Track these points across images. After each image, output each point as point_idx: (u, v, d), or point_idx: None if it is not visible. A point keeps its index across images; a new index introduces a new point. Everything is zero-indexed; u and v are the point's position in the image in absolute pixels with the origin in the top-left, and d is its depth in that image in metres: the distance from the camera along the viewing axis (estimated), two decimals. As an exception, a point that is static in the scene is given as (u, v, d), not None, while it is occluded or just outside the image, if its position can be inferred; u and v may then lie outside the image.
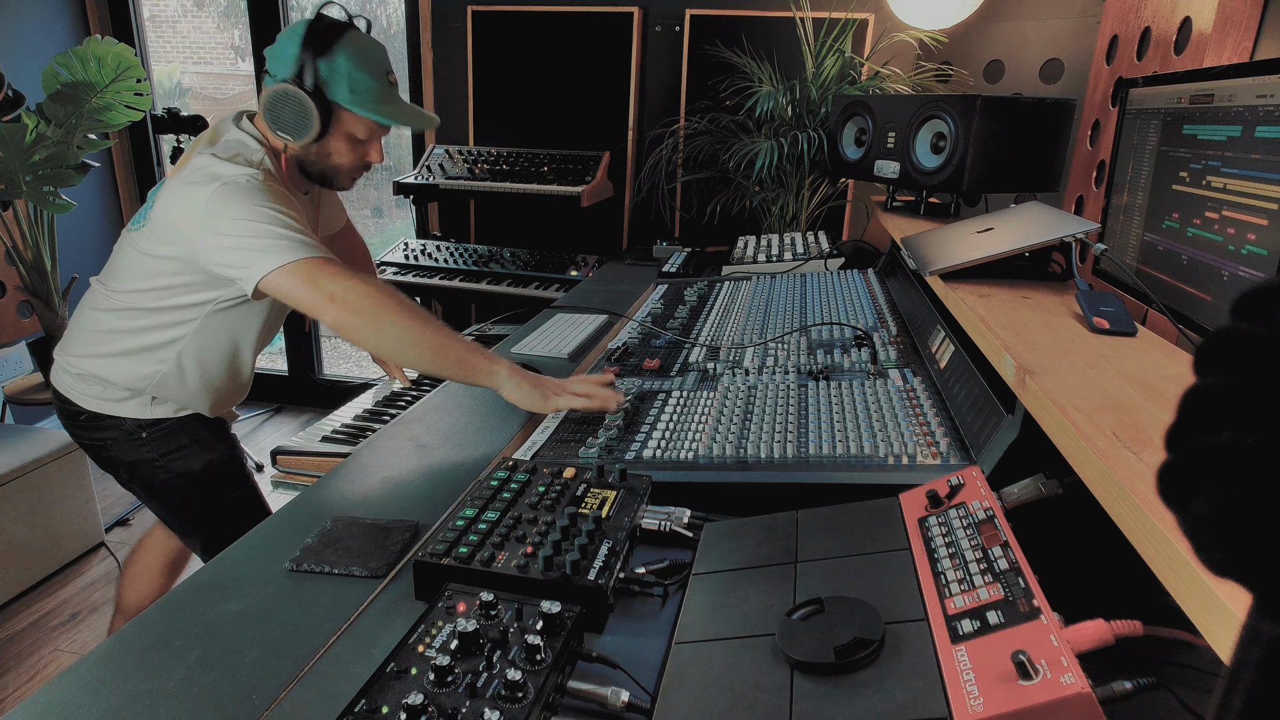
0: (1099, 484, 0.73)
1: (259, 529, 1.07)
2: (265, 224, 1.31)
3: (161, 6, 4.39)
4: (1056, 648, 0.62)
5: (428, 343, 1.30)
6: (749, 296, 1.96)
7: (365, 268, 1.92)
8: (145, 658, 0.81)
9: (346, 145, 1.47)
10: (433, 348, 1.30)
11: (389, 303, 1.30)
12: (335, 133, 1.44)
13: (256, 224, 1.31)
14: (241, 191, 1.33)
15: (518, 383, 1.31)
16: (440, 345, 1.31)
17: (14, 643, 2.38)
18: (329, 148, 1.46)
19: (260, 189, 1.35)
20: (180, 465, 1.60)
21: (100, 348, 1.53)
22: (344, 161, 1.49)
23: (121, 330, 1.51)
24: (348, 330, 1.31)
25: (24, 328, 3.28)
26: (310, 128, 1.40)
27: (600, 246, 3.21)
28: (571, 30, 3.11)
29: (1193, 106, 1.16)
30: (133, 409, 1.56)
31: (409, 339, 1.30)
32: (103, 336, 1.53)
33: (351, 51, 1.39)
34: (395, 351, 1.34)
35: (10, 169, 2.72)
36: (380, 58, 1.45)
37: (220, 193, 1.33)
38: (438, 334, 1.32)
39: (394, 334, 1.30)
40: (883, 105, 2.26)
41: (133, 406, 1.56)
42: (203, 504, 1.65)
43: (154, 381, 1.54)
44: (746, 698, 0.69)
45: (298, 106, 1.38)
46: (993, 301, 1.30)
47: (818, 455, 1.11)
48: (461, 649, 0.72)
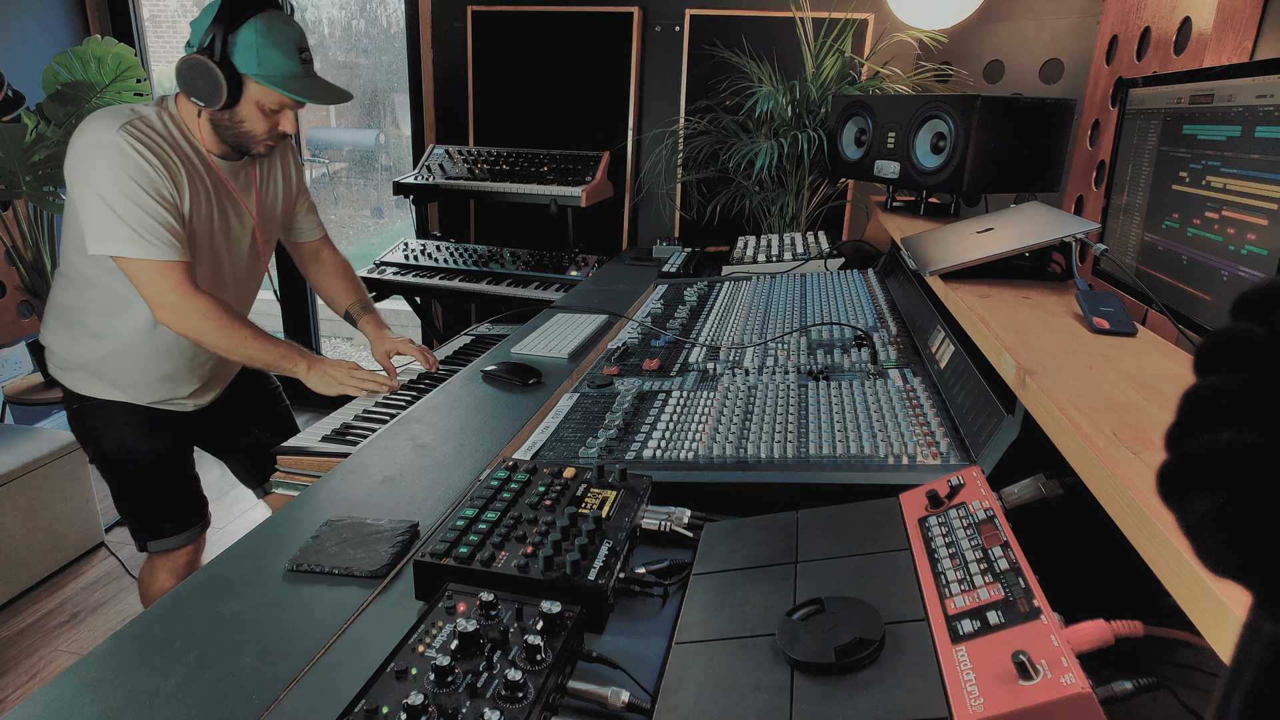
0: (1099, 484, 0.73)
1: (259, 529, 1.07)
2: (128, 203, 1.47)
3: (161, 6, 4.40)
4: (1057, 648, 0.62)
5: (240, 354, 1.61)
6: (749, 297, 1.96)
7: (347, 279, 2.00)
8: (145, 658, 0.81)
9: (257, 113, 1.57)
10: (243, 357, 1.62)
11: (206, 325, 1.56)
12: (245, 101, 1.55)
13: (121, 203, 1.47)
14: (108, 153, 1.47)
15: (319, 376, 1.64)
16: (248, 357, 1.62)
17: (14, 643, 2.38)
18: (240, 115, 1.57)
19: (124, 152, 1.47)
20: (93, 446, 1.78)
21: (50, 316, 1.74)
22: (256, 129, 1.59)
23: (58, 298, 1.70)
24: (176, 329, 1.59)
25: (24, 328, 3.28)
26: (219, 95, 1.51)
27: (600, 246, 3.21)
28: (571, 30, 3.11)
29: (1192, 106, 1.16)
30: (70, 381, 1.73)
31: (224, 349, 1.60)
32: (55, 307, 1.73)
33: (261, 26, 1.50)
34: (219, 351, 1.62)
35: (10, 169, 2.72)
36: (292, 34, 1.55)
37: (84, 147, 1.49)
38: (248, 346, 1.60)
39: (212, 344, 1.59)
40: (883, 105, 2.26)
41: (71, 379, 1.73)
42: (119, 487, 1.81)
43: (77, 349, 1.69)
44: (747, 698, 0.69)
45: (206, 74, 1.50)
46: (993, 301, 1.30)
47: (818, 455, 1.11)
48: (461, 649, 0.72)
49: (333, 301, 1.98)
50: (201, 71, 1.49)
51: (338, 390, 1.64)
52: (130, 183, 1.47)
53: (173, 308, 1.54)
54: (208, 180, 1.63)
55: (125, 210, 1.47)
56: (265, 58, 1.51)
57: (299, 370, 1.64)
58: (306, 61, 1.58)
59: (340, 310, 1.97)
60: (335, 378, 1.64)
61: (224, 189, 1.67)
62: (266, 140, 1.62)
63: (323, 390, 1.65)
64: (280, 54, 1.52)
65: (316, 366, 1.65)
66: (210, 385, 1.84)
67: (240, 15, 1.49)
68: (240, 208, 1.71)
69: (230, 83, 1.50)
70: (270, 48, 1.51)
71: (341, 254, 2.03)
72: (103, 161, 1.47)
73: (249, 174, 1.74)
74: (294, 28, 1.56)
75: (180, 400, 1.79)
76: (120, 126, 1.48)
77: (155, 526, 1.82)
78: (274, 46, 1.51)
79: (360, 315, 1.93)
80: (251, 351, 1.61)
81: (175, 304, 1.54)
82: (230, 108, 1.54)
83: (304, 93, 1.55)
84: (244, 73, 1.51)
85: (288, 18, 1.56)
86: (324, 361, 1.67)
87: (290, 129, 1.62)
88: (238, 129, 1.59)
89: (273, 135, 1.62)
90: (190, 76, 1.50)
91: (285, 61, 1.53)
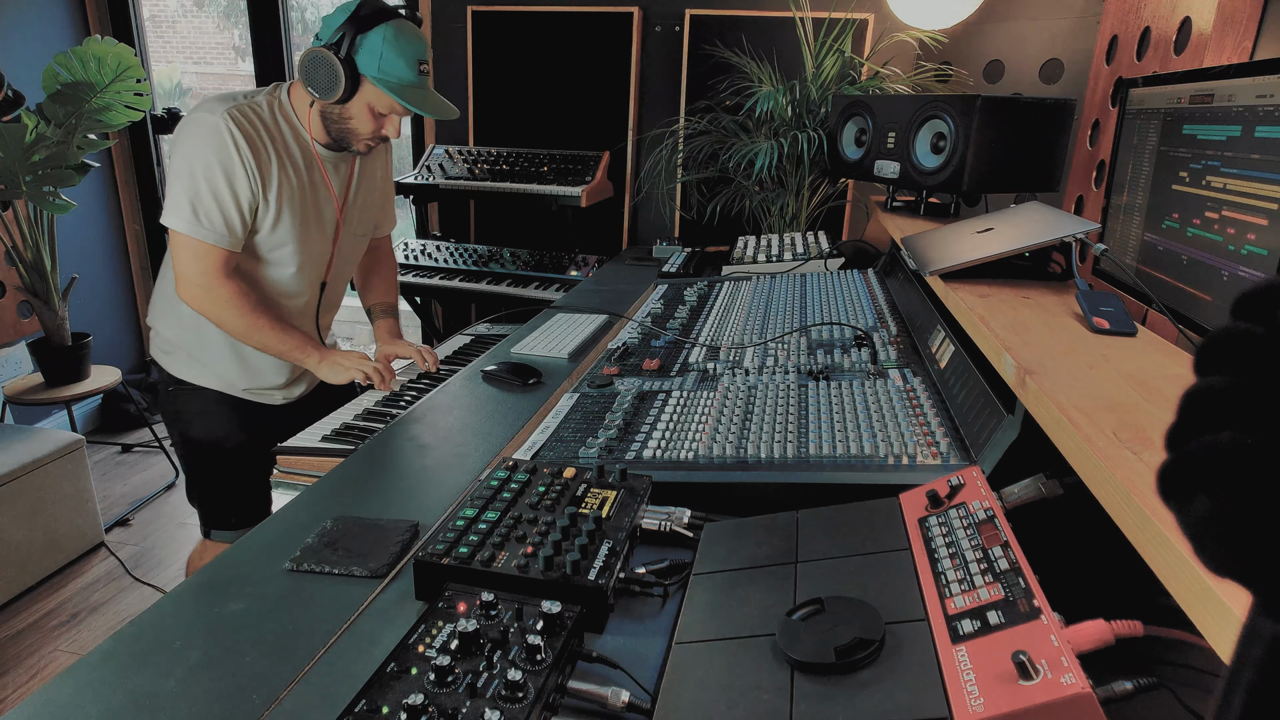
0: (1099, 484, 0.73)
1: (259, 529, 1.07)
2: (201, 182, 1.54)
3: (161, 6, 4.40)
4: (1057, 648, 0.62)
5: (255, 341, 1.66)
6: (749, 296, 1.96)
7: (385, 280, 2.04)
8: (145, 658, 0.81)
9: (366, 114, 1.63)
10: (258, 344, 1.67)
11: (226, 311, 1.61)
12: (357, 100, 1.60)
13: (197, 181, 1.54)
14: (205, 132, 1.54)
15: (329, 366, 1.70)
16: (263, 344, 1.67)
17: (14, 643, 2.38)
18: (350, 111, 1.62)
19: (220, 135, 1.54)
20: (179, 430, 1.83)
21: (158, 297, 1.81)
22: (361, 128, 1.65)
23: (164, 279, 1.75)
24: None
25: (24, 328, 3.28)
26: (336, 89, 1.57)
27: (600, 246, 3.21)
28: (571, 30, 3.11)
29: (1192, 106, 1.16)
30: (170, 364, 1.79)
31: (240, 335, 1.66)
32: (161, 289, 1.79)
33: (388, 33, 1.56)
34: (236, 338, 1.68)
35: (10, 169, 2.72)
36: (416, 47, 1.60)
37: (188, 121, 1.57)
38: (263, 335, 1.65)
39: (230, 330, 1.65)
40: (883, 105, 2.26)
41: (171, 361, 1.79)
42: (195, 474, 1.87)
43: (178, 332, 1.75)
44: (747, 698, 0.69)
45: (328, 68, 1.56)
46: (993, 301, 1.30)
47: (818, 455, 1.11)
48: (462, 649, 0.72)
49: (364, 293, 2.04)
50: (324, 64, 1.56)
51: (346, 377, 1.69)
52: (211, 165, 1.54)
53: (197, 287, 1.60)
54: (303, 169, 1.69)
55: (194, 189, 1.54)
56: (387, 63, 1.57)
57: (310, 361, 1.69)
58: (424, 74, 1.64)
59: (366, 304, 2.03)
60: (344, 365, 1.69)
61: (320, 176, 1.73)
62: (369, 140, 1.68)
63: (332, 379, 1.70)
64: (402, 62, 1.58)
65: (328, 357, 1.69)
66: (301, 380, 1.88)
67: (373, 19, 1.56)
68: (330, 197, 1.76)
69: (349, 80, 1.56)
70: (393, 54, 1.57)
71: (394, 258, 2.09)
72: (197, 139, 1.54)
73: (349, 168, 1.79)
74: (420, 40, 1.62)
75: (270, 391, 1.83)
76: (226, 110, 1.55)
77: (221, 518, 1.88)
78: (397, 54, 1.57)
79: (380, 318, 1.97)
80: (266, 340, 1.65)
81: (201, 285, 1.59)
82: (343, 103, 1.61)
83: (416, 102, 1.61)
84: (364, 73, 1.57)
85: (416, 30, 1.63)
86: (334, 352, 1.71)
87: (394, 134, 1.68)
88: (345, 124, 1.65)
89: (375, 136, 1.67)
90: (312, 67, 1.57)
91: (405, 70, 1.59)
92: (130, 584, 2.64)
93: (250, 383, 1.80)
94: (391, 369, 1.75)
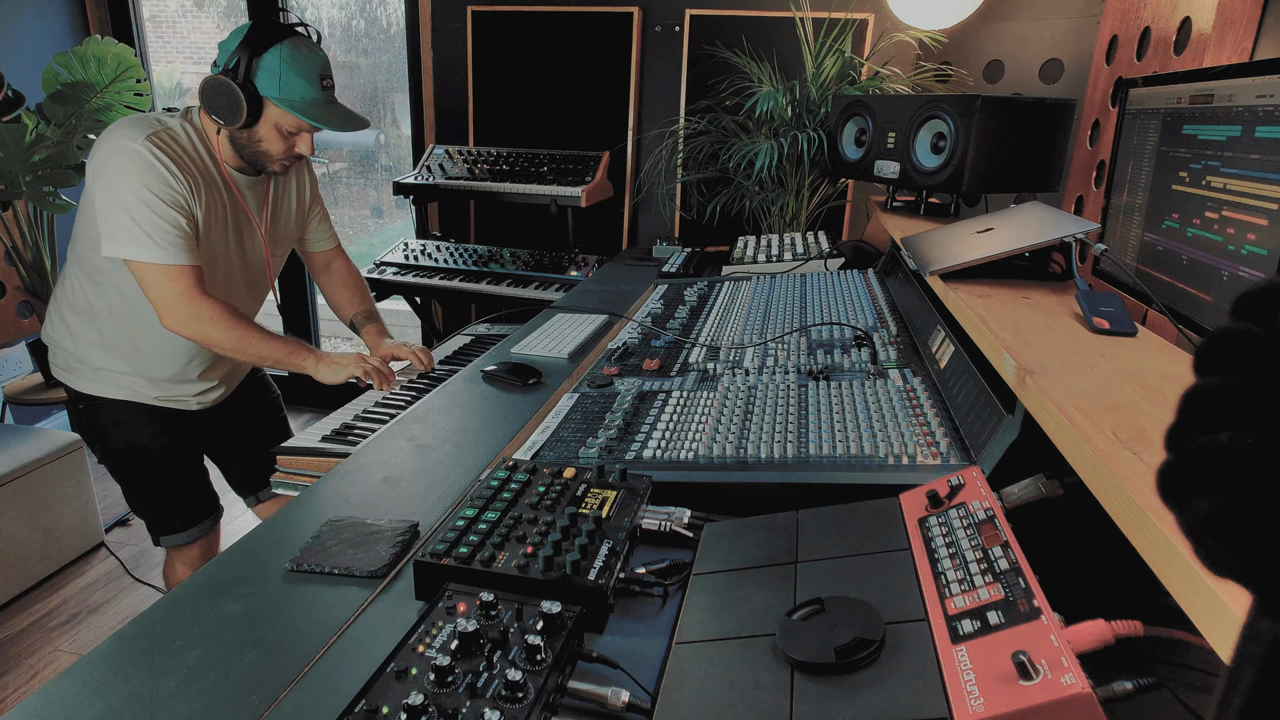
0: (1099, 484, 0.73)
1: (259, 529, 1.07)
2: (145, 209, 1.51)
3: (161, 6, 4.40)
4: (1057, 648, 0.62)
5: (249, 355, 1.65)
6: (749, 297, 1.96)
7: (355, 290, 2.04)
8: (145, 658, 0.81)
9: (275, 135, 1.62)
10: (252, 357, 1.66)
11: (213, 329, 1.59)
12: (264, 122, 1.60)
13: (142, 209, 1.51)
14: (131, 160, 1.51)
15: (327, 367, 1.69)
16: (257, 356, 1.66)
17: (14, 643, 2.38)
18: (259, 134, 1.62)
19: (146, 161, 1.52)
20: (101, 446, 1.79)
21: (55, 313, 1.75)
22: (273, 149, 1.64)
23: (64, 295, 1.72)
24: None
25: (24, 328, 3.28)
26: (239, 115, 1.56)
27: (600, 246, 3.21)
28: (571, 30, 3.11)
29: (1192, 106, 1.16)
30: (74, 380, 1.75)
31: (233, 351, 1.64)
32: (60, 304, 1.74)
33: (284, 52, 1.56)
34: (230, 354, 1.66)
35: (10, 169, 2.71)
36: (316, 61, 1.61)
37: (109, 152, 1.53)
38: (256, 346, 1.63)
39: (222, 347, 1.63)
40: (882, 105, 2.26)
41: (75, 378, 1.74)
42: (128, 485, 1.84)
43: (82, 347, 1.71)
44: (747, 698, 0.69)
45: (229, 95, 1.55)
46: (993, 301, 1.30)
47: (818, 455, 1.11)
48: (462, 649, 0.72)
49: (339, 310, 2.03)
50: (224, 91, 1.55)
51: (345, 376, 1.69)
52: (147, 191, 1.52)
53: (180, 312, 1.57)
54: (223, 193, 1.67)
55: (141, 216, 1.52)
56: (287, 83, 1.57)
57: (308, 365, 1.69)
58: (328, 89, 1.64)
59: (345, 319, 2.02)
60: (341, 364, 1.69)
61: (238, 203, 1.71)
62: (282, 160, 1.67)
63: (330, 379, 1.70)
64: (303, 80, 1.58)
65: (324, 359, 1.70)
66: (217, 387, 1.86)
67: (266, 41, 1.56)
68: (251, 222, 1.76)
69: (250, 104, 1.56)
70: (293, 74, 1.57)
71: (353, 264, 2.07)
72: (125, 168, 1.51)
73: (264, 190, 1.78)
74: (318, 55, 1.62)
75: (184, 399, 1.81)
76: (145, 136, 1.53)
77: (165, 522, 1.86)
78: (296, 73, 1.57)
79: (363, 325, 1.97)
80: (260, 351, 1.64)
81: (183, 309, 1.57)
82: (249, 127, 1.60)
83: (322, 119, 1.61)
84: (265, 95, 1.57)
85: (313, 45, 1.62)
86: (331, 354, 1.71)
87: (306, 151, 1.67)
88: (255, 147, 1.64)
89: (288, 156, 1.67)
90: (213, 95, 1.56)
91: (306, 87, 1.59)
92: (130, 584, 2.64)
93: (160, 390, 1.77)
94: (390, 368, 1.76)
